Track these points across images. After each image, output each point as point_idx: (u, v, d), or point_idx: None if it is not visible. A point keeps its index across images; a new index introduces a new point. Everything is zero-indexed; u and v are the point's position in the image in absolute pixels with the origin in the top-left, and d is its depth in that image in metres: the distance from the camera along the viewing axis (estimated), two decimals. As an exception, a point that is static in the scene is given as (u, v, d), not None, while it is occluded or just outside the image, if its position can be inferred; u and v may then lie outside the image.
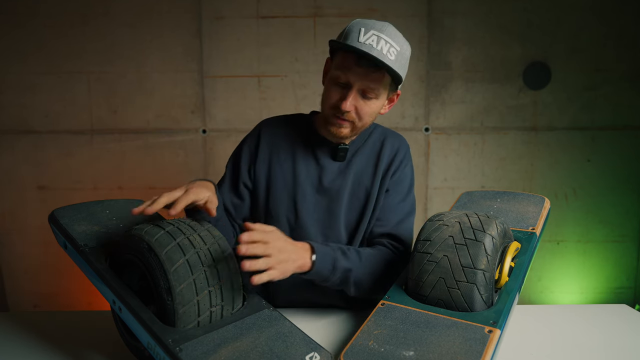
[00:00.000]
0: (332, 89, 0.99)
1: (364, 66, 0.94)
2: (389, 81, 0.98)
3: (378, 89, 0.97)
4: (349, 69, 0.95)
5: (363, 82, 0.95)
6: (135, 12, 2.16)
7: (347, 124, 1.01)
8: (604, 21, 2.15)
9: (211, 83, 2.22)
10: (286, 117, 1.18)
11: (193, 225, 0.79)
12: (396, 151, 1.12)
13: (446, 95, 2.23)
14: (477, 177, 2.28)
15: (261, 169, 1.11)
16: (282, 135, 1.13)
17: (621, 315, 1.06)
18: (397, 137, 1.16)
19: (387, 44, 0.93)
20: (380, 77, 0.95)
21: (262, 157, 1.11)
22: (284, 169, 1.10)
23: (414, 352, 0.69)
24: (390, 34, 0.95)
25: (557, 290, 2.33)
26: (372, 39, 0.93)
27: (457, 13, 2.17)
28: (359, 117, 1.00)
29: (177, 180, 2.27)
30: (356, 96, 0.97)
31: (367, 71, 0.94)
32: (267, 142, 1.12)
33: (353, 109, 0.98)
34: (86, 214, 0.93)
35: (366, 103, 0.99)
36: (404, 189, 1.12)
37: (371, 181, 1.09)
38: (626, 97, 2.20)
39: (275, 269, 0.80)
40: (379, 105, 1.02)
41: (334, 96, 0.99)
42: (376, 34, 0.93)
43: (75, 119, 2.22)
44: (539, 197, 1.09)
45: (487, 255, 0.80)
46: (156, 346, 0.68)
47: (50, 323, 1.02)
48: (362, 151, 1.12)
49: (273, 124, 1.16)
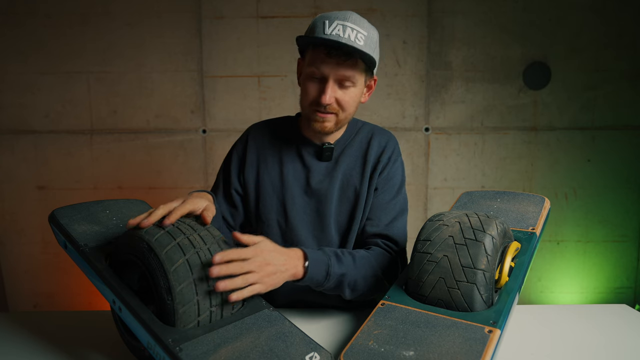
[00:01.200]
0: (309, 86, 0.99)
1: (336, 56, 0.94)
2: (363, 67, 0.99)
3: (354, 77, 0.97)
4: (322, 62, 0.95)
5: (338, 72, 0.96)
6: (135, 12, 2.16)
7: (330, 116, 1.00)
8: (604, 21, 2.16)
9: (211, 83, 2.22)
10: (273, 121, 1.18)
11: (193, 225, 0.79)
12: (383, 148, 1.11)
13: (446, 95, 2.23)
14: (477, 177, 2.28)
15: (250, 175, 1.10)
16: (269, 139, 1.13)
17: (621, 315, 1.06)
18: (385, 133, 1.15)
19: (354, 30, 0.94)
20: (353, 64, 0.96)
21: (250, 163, 1.11)
22: (271, 173, 1.09)
23: (414, 352, 0.69)
24: (355, 21, 0.95)
25: (557, 290, 2.33)
26: (337, 28, 0.93)
27: (457, 13, 2.17)
28: (342, 108, 1.00)
29: (177, 180, 2.27)
30: (334, 87, 0.97)
31: (340, 61, 0.95)
32: (254, 147, 1.12)
33: (333, 100, 0.98)
34: (86, 214, 0.93)
35: (345, 92, 0.99)
36: (394, 186, 1.11)
37: (360, 180, 1.08)
38: (626, 97, 2.20)
39: (260, 283, 0.79)
40: (358, 93, 1.02)
41: (312, 92, 0.99)
42: (341, 23, 0.94)
43: (75, 119, 2.22)
44: (539, 197, 1.09)
45: (487, 255, 0.80)
46: (156, 346, 0.67)
47: (50, 323, 1.01)
48: (349, 150, 1.11)
49: (260, 128, 1.16)
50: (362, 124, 1.15)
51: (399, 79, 2.21)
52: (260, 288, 0.79)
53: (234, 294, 0.74)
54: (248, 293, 0.77)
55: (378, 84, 2.19)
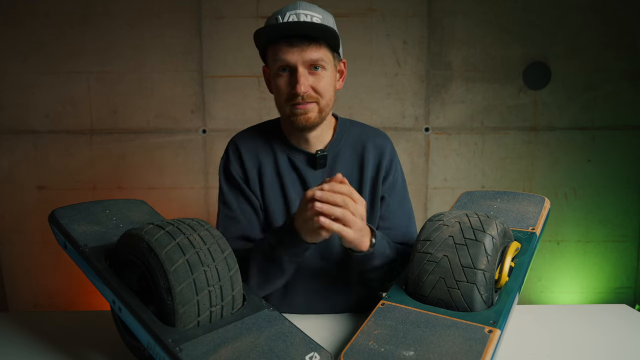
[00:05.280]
0: (280, 82, 0.96)
1: (298, 43, 0.92)
2: (329, 49, 0.96)
3: (322, 59, 0.95)
4: (286, 52, 0.93)
5: (304, 57, 0.93)
6: (135, 12, 2.16)
7: (311, 105, 0.97)
8: (604, 21, 2.16)
9: (211, 83, 2.22)
10: (257, 129, 1.12)
11: (193, 225, 0.79)
12: (381, 152, 1.08)
13: (446, 95, 2.23)
14: (477, 177, 2.28)
15: (256, 190, 1.06)
16: (263, 151, 1.07)
17: (621, 315, 1.06)
18: (379, 135, 1.11)
19: (307, 15, 0.93)
20: (317, 46, 0.93)
21: (252, 178, 1.06)
22: (273, 188, 1.06)
23: (414, 352, 0.69)
24: (306, 7, 0.94)
25: (557, 290, 2.33)
26: (291, 18, 0.92)
27: (457, 13, 2.17)
28: (320, 94, 0.97)
29: (177, 180, 2.27)
30: (306, 74, 0.94)
31: (303, 46, 0.92)
32: (251, 164, 1.06)
33: (309, 88, 0.95)
34: (86, 214, 0.93)
35: (318, 78, 0.96)
36: (400, 189, 1.10)
37: (358, 188, 1.04)
38: (626, 97, 2.20)
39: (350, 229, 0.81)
40: (332, 76, 0.99)
41: (285, 86, 0.96)
42: (293, 13, 0.93)
43: (75, 119, 2.22)
44: (539, 197, 1.09)
45: (487, 255, 0.80)
46: (156, 346, 0.67)
47: (50, 323, 1.01)
48: (343, 155, 1.07)
49: (248, 140, 1.09)
50: (350, 123, 1.12)
51: (399, 79, 2.21)
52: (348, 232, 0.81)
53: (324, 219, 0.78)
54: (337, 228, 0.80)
55: (378, 84, 2.20)
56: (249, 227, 1.05)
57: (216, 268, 0.75)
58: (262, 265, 0.94)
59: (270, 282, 0.96)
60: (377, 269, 0.95)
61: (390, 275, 0.99)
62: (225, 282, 0.76)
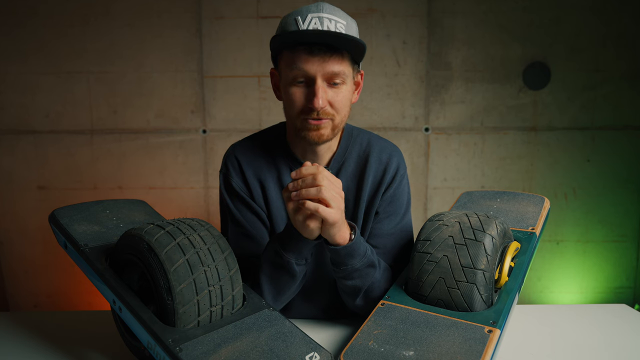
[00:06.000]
0: (294, 92, 0.87)
1: (320, 53, 0.83)
2: (350, 60, 0.88)
3: (343, 72, 0.86)
4: (305, 61, 0.83)
5: (325, 69, 0.84)
6: (135, 12, 2.16)
7: (326, 122, 0.89)
8: (604, 21, 2.16)
9: (211, 83, 2.22)
10: (257, 140, 1.04)
11: (193, 225, 0.79)
12: (385, 165, 1.00)
13: (446, 95, 2.23)
14: (477, 177, 2.28)
15: (261, 204, 1.01)
16: (265, 165, 1.01)
17: (621, 315, 1.06)
18: (386, 147, 1.02)
19: (332, 21, 0.83)
20: (340, 58, 0.85)
21: (256, 192, 1.00)
22: (278, 205, 1.01)
23: (414, 352, 0.69)
24: (331, 11, 0.85)
25: (557, 290, 2.33)
26: (313, 22, 0.83)
27: (457, 13, 2.17)
28: (337, 110, 0.88)
29: (177, 180, 2.27)
30: (324, 88, 0.86)
31: (325, 57, 0.83)
32: (252, 175, 1.01)
33: (327, 104, 0.86)
34: (86, 214, 0.93)
35: (337, 92, 0.87)
36: (399, 209, 1.00)
37: (354, 205, 0.98)
38: (626, 97, 2.20)
39: (333, 209, 0.78)
40: (350, 91, 0.91)
41: (300, 98, 0.87)
42: (315, 16, 0.83)
43: (75, 119, 2.22)
44: (538, 197, 1.09)
45: (487, 255, 0.80)
46: (156, 346, 0.68)
47: (50, 323, 1.02)
48: (347, 168, 1.00)
49: (247, 152, 1.02)
50: (357, 132, 1.03)
51: (399, 79, 2.21)
52: (330, 212, 0.78)
53: (309, 203, 0.77)
54: (313, 207, 0.77)
55: (378, 84, 2.20)
56: (263, 243, 1.00)
57: (216, 268, 0.75)
58: (272, 274, 0.90)
59: (283, 291, 0.91)
60: (358, 272, 0.89)
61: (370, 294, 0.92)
62: (225, 282, 0.76)
